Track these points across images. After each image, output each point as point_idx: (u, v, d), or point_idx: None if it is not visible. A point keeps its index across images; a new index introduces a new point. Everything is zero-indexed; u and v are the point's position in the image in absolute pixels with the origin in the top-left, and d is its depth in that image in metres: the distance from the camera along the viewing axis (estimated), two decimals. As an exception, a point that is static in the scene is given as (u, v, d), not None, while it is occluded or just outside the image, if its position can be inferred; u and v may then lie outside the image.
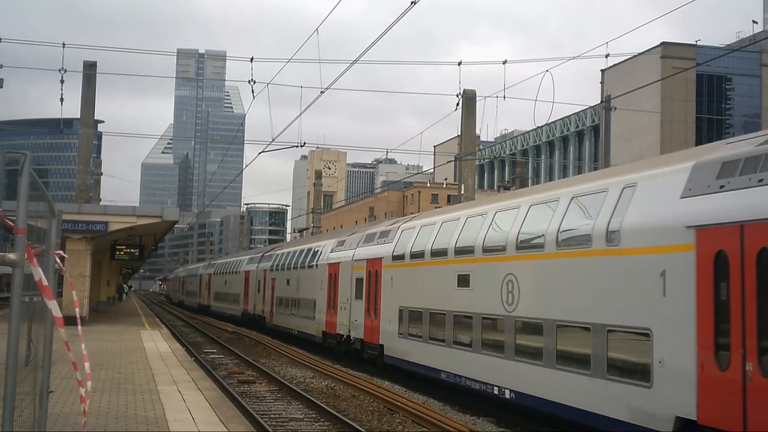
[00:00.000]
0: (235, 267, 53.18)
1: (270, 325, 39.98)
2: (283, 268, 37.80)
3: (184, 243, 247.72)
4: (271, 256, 42.69)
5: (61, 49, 34.06)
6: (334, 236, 33.02)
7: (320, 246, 32.18)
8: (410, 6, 19.22)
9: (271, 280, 40.18)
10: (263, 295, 42.18)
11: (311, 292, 31.49)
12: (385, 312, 22.21)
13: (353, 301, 25.46)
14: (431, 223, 20.43)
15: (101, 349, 22.08)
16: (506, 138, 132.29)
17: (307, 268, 32.81)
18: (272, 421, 15.42)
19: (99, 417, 11.33)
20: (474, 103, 33.58)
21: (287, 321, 36.07)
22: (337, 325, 27.42)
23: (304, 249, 35.09)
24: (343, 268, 27.08)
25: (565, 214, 13.84)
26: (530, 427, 15.22)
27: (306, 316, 32.17)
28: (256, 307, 44.13)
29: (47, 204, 7.36)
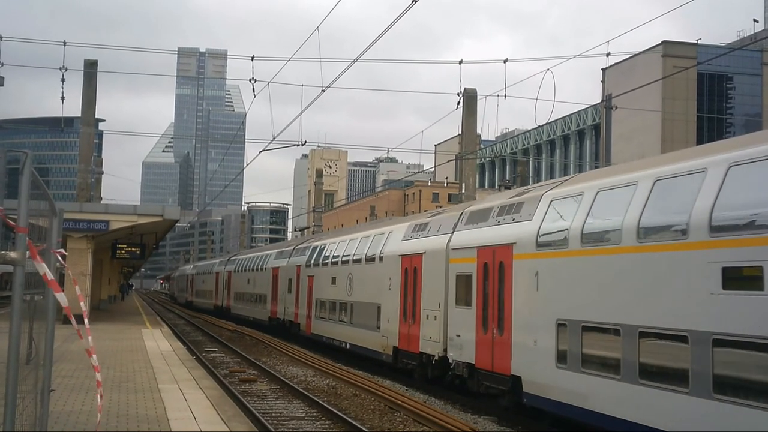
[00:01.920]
0: (261, 263, 45.39)
1: (308, 333, 32.53)
2: (326, 263, 30.70)
3: (185, 242, 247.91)
4: (305, 249, 35.32)
5: (62, 47, 34.09)
6: (400, 221, 26.29)
7: (383, 233, 25.16)
8: (411, 4, 19.21)
9: (308, 279, 32.92)
10: (296, 296, 35.12)
11: (371, 294, 24.63)
12: (523, 326, 14.84)
13: (451, 307, 18.47)
14: (623, 184, 12.69)
15: (102, 348, 22.09)
16: (507, 137, 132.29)
17: (364, 262, 25.78)
18: (273, 419, 15.42)
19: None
20: (475, 102, 33.58)
21: (334, 331, 28.69)
22: (419, 340, 20.26)
23: (357, 238, 28.01)
24: (429, 262, 20.02)
25: None
26: (531, 427, 15.22)
27: (364, 326, 25.05)
28: (287, 310, 36.96)
29: (48, 203, 7.36)
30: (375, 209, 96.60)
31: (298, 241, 40.99)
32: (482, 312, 16.76)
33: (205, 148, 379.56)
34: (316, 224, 65.53)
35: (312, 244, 34.62)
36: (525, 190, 17.35)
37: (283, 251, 40.46)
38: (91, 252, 32.46)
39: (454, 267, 18.39)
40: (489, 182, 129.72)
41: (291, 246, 40.46)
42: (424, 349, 19.87)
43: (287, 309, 36.98)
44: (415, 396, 18.70)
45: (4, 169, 5.11)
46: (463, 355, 17.48)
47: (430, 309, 19.62)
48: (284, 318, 37.63)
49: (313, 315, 31.58)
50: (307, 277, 32.98)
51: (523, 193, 16.75)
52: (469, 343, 17.22)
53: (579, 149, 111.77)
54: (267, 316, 41.81)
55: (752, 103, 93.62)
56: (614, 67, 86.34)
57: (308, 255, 33.89)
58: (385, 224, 26.97)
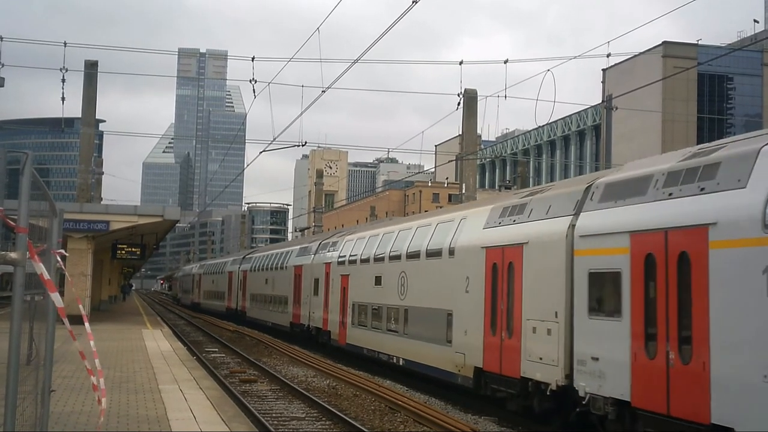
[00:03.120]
0: (280, 261, 40.18)
1: (341, 344, 27.33)
2: (366, 260, 25.35)
3: (186, 242, 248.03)
4: (336, 244, 30.03)
5: (62, 47, 34.10)
6: (474, 205, 20.59)
7: (451, 220, 19.79)
8: (411, 5, 19.24)
9: (341, 278, 27.69)
10: (325, 299, 29.69)
11: (438, 298, 19.33)
12: (736, 350, 10.02)
13: (581, 317, 13.27)
14: None
15: (103, 348, 22.08)
16: (507, 137, 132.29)
17: (424, 257, 20.53)
18: (274, 420, 15.41)
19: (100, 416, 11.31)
20: (475, 102, 33.58)
21: (380, 342, 23.19)
22: (520, 360, 14.98)
23: (410, 228, 22.56)
24: (535, 255, 14.91)
25: None
26: (531, 427, 15.21)
27: (427, 338, 19.82)
28: (314, 315, 31.57)
29: (48, 203, 7.36)
30: (375, 210, 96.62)
31: (325, 236, 35.47)
32: (642, 325, 11.63)
33: (206, 148, 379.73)
34: (317, 224, 65.55)
35: (345, 238, 29.30)
36: (712, 147, 11.89)
37: (307, 247, 35.28)
38: (91, 252, 32.48)
39: (585, 261, 13.13)
40: (489, 183, 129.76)
41: (316, 241, 34.82)
42: (528, 374, 14.44)
43: (313, 314, 31.67)
44: (416, 396, 18.69)
45: (5, 169, 5.11)
46: (607, 387, 12.23)
47: (539, 318, 14.30)
48: (309, 324, 32.40)
49: (349, 322, 26.43)
50: (340, 276, 27.81)
51: (707, 152, 11.63)
52: (617, 370, 12.02)
53: (579, 150, 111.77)
54: (288, 321, 36.46)
55: (752, 103, 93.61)
56: (614, 68, 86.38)
57: (341, 250, 28.71)
58: (450, 211, 21.70)
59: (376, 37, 22.12)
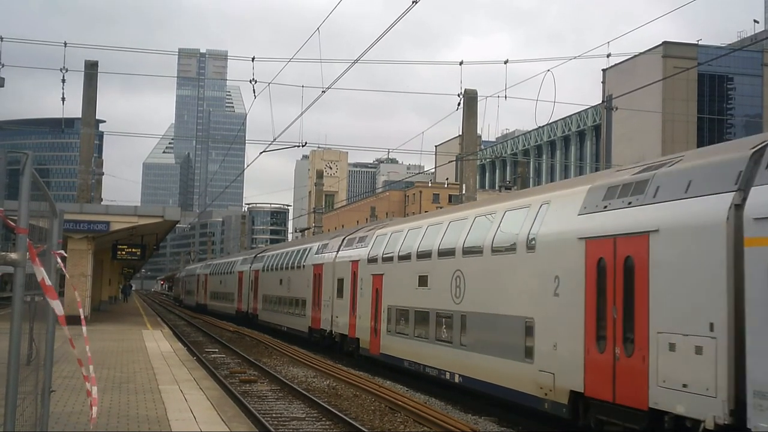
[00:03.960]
0: (297, 259, 35.92)
1: (374, 354, 23.64)
2: (406, 257, 21.53)
3: (186, 243, 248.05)
4: (364, 239, 26.43)
5: (62, 47, 34.11)
6: (560, 186, 16.74)
7: (525, 206, 16.16)
8: (411, 6, 19.26)
9: (372, 278, 24.04)
10: (352, 302, 26.14)
11: (511, 302, 15.70)
12: None
13: (758, 331, 9.77)
14: None
15: (103, 349, 22.10)
16: (507, 138, 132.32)
17: (489, 253, 16.82)
18: (274, 420, 15.42)
19: (101, 416, 11.32)
20: (475, 102, 33.59)
21: (427, 354, 19.53)
22: (647, 387, 11.52)
23: (466, 218, 18.76)
24: (670, 247, 11.56)
25: None
26: (531, 427, 15.21)
27: (495, 351, 16.15)
28: (337, 321, 28.02)
29: (49, 204, 7.37)
30: (375, 210, 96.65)
31: (348, 231, 31.41)
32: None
33: (206, 149, 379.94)
34: (317, 225, 65.57)
35: (376, 233, 25.55)
36: None
37: (328, 243, 31.64)
38: (91, 253, 32.49)
39: (764, 254, 9.55)
40: (489, 183, 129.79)
41: (338, 236, 31.26)
42: (663, 405, 10.99)
43: (337, 319, 28.09)
44: (416, 397, 18.69)
45: (5, 170, 5.12)
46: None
47: (681, 332, 10.82)
48: (332, 330, 28.72)
49: (383, 329, 22.84)
50: (371, 276, 24.15)
51: None
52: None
53: (579, 150, 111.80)
54: (306, 326, 32.49)
55: (752, 103, 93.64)
56: (614, 68, 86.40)
57: (371, 246, 25.01)
58: (520, 196, 17.55)
59: (376, 38, 22.12)
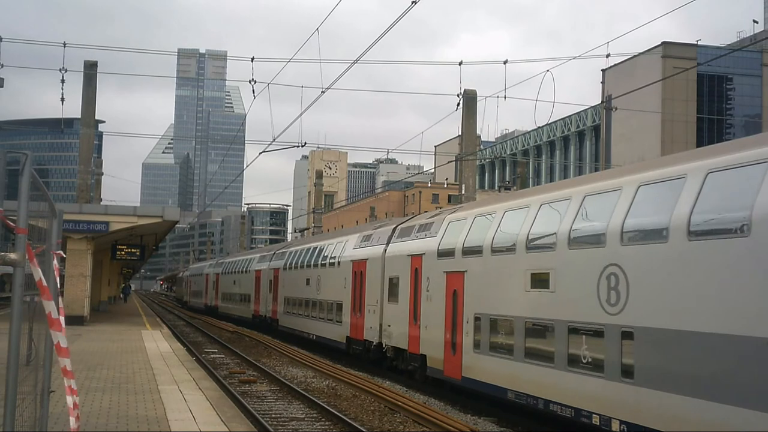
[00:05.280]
0: (330, 254, 30.73)
1: (453, 378, 18.10)
2: (503, 248, 16.11)
3: (185, 243, 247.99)
4: (429, 227, 21.03)
5: (61, 47, 34.10)
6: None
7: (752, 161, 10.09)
8: (411, 5, 19.28)
9: (446, 277, 18.86)
10: (413, 306, 20.88)
11: (724, 316, 9.92)
12: None
13: None
14: None
15: (102, 349, 22.11)
16: (507, 138, 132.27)
17: (735, 235, 9.95)
18: (273, 420, 15.42)
19: (100, 416, 11.33)
20: (475, 103, 33.60)
21: (572, 392, 13.22)
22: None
23: (617, 187, 12.89)
24: None
25: None
26: (531, 427, 15.22)
27: (721, 397, 9.87)
28: (389, 329, 22.85)
29: (48, 204, 7.37)
30: (375, 210, 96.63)
31: (400, 220, 26.35)
32: None
33: (205, 149, 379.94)
34: (316, 225, 65.58)
35: (448, 218, 19.92)
36: None
37: (372, 234, 26.32)
38: (91, 253, 32.48)
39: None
40: (489, 183, 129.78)
41: (386, 225, 26.19)
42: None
43: (389, 328, 22.69)
44: (415, 397, 18.69)
45: (4, 170, 5.11)
46: None
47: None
48: (383, 343, 23.25)
49: (467, 345, 17.26)
50: (444, 274, 18.91)
51: None
52: None
53: (579, 150, 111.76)
54: (343, 336, 27.29)
55: (752, 104, 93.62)
56: (614, 68, 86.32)
57: (444, 236, 19.49)
58: (724, 151, 11.14)
59: (374, 37, 22.14)
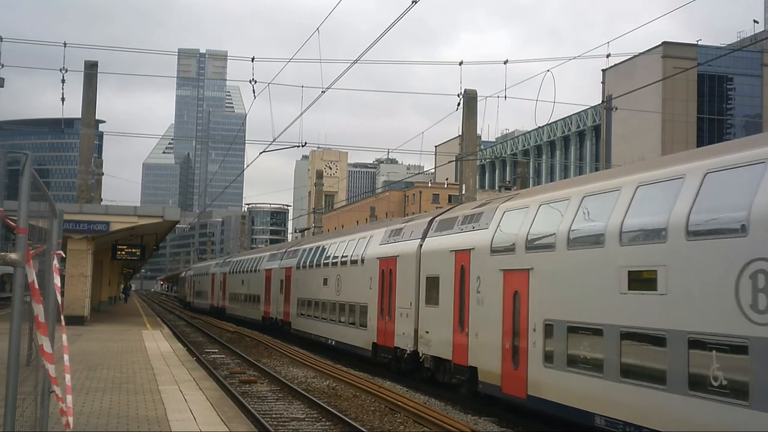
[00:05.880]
0: (349, 252, 28.04)
1: (517, 396, 14.97)
2: (635, 236, 11.74)
3: (186, 243, 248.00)
4: (479, 217, 17.81)
5: (61, 47, 34.09)
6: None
7: None
8: (411, 5, 19.27)
9: (502, 276, 15.67)
10: (456, 310, 18.04)
11: None
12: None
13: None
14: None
15: (103, 349, 22.11)
16: (507, 138, 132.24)
17: None
18: (274, 420, 15.42)
19: (100, 416, 11.33)
20: (475, 103, 33.56)
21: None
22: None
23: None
24: None
25: None
26: (531, 427, 15.21)
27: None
28: (427, 337, 19.84)
29: (48, 204, 7.36)
30: (375, 210, 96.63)
31: (435, 212, 22.75)
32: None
33: (206, 149, 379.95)
34: (317, 225, 65.58)
35: (502, 207, 16.52)
36: None
37: (403, 228, 23.07)
38: (91, 253, 32.47)
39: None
40: (489, 183, 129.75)
41: (420, 218, 22.82)
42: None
43: (427, 335, 19.76)
44: (416, 397, 18.69)
45: (5, 170, 5.11)
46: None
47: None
48: (417, 350, 20.27)
49: (534, 357, 14.22)
50: (501, 272, 15.62)
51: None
52: None
53: (579, 150, 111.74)
54: (370, 342, 24.37)
55: (752, 104, 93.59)
56: (614, 68, 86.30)
57: (498, 228, 16.15)
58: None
59: (375, 37, 22.16)
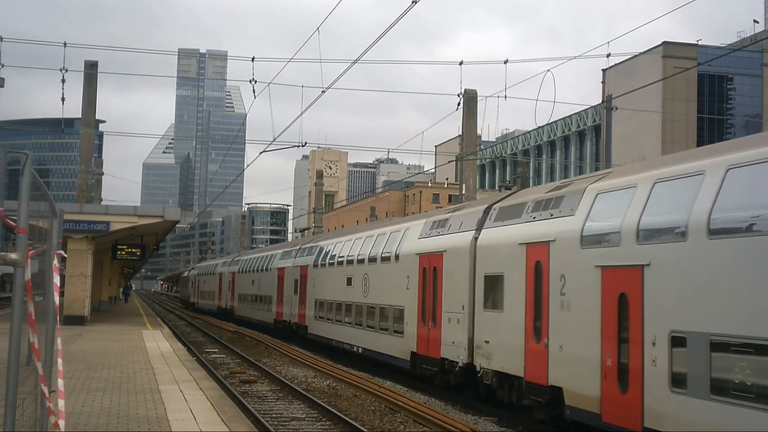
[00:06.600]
0: (379, 248, 24.74)
1: (629, 430, 11.36)
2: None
3: (186, 243, 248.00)
4: (513, 210, 16.28)
5: (61, 47, 34.10)
6: None
7: None
8: (411, 5, 19.28)
9: (600, 273, 12.26)
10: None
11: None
12: None
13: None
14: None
15: (103, 349, 22.11)
16: (507, 138, 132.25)
17: None
18: (274, 420, 15.42)
19: (101, 416, 11.33)
20: (475, 103, 33.57)
21: None
22: None
23: None
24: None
25: None
26: (531, 427, 15.22)
27: None
28: (487, 348, 16.59)
29: (48, 204, 7.36)
30: (375, 210, 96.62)
31: (495, 197, 19.07)
32: None
33: (206, 149, 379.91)
34: (317, 225, 65.55)
35: (592, 188, 13.47)
36: None
37: (447, 219, 20.01)
38: (91, 253, 32.48)
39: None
40: (489, 183, 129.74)
41: (475, 205, 19.72)
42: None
43: (486, 346, 16.51)
44: (416, 397, 18.69)
45: (5, 170, 5.12)
46: None
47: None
48: (473, 363, 17.18)
49: (653, 377, 10.84)
50: (598, 269, 12.36)
51: None
52: None
53: (579, 150, 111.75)
54: (408, 352, 21.25)
55: (752, 104, 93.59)
56: (614, 68, 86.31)
57: (588, 212, 13.06)
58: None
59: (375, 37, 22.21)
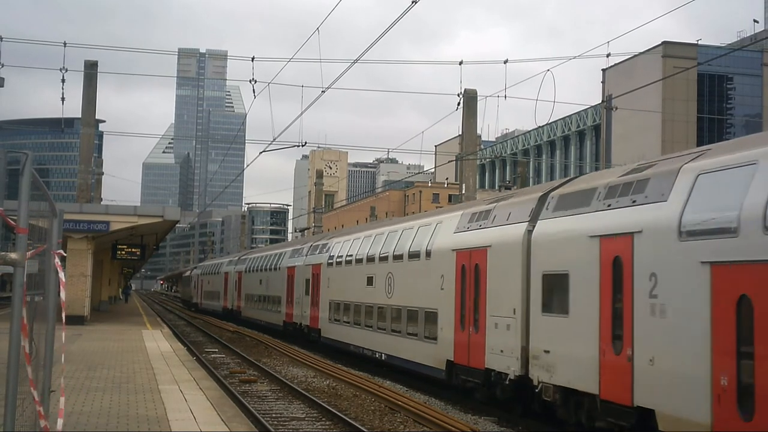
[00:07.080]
0: (410, 242, 21.89)
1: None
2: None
3: (186, 243, 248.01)
4: (579, 197, 13.58)
5: (61, 47, 34.10)
6: None
7: None
8: (411, 5, 19.28)
9: (709, 271, 9.80)
10: (607, 316, 12.09)
11: None
12: None
13: None
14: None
15: (103, 349, 22.11)
16: (507, 137, 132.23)
17: None
18: (274, 420, 15.42)
19: (100, 416, 11.33)
20: (475, 102, 33.57)
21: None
22: None
23: None
24: None
25: None
26: (531, 427, 15.22)
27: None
28: (548, 360, 13.77)
29: (48, 204, 7.37)
30: (375, 210, 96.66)
31: (550, 184, 16.60)
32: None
33: (206, 149, 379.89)
34: (316, 225, 65.57)
35: (688, 167, 10.99)
36: None
37: (492, 210, 17.27)
38: (91, 253, 32.48)
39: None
40: (489, 183, 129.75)
41: (523, 194, 17.10)
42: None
43: (552, 358, 13.71)
44: (416, 397, 18.70)
45: (5, 170, 5.12)
46: None
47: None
48: (530, 377, 14.49)
49: None
50: (706, 266, 9.87)
51: None
52: None
53: (579, 150, 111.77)
54: (443, 361, 18.67)
55: (752, 103, 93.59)
56: (614, 68, 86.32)
57: (687, 198, 10.54)
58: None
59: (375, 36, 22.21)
